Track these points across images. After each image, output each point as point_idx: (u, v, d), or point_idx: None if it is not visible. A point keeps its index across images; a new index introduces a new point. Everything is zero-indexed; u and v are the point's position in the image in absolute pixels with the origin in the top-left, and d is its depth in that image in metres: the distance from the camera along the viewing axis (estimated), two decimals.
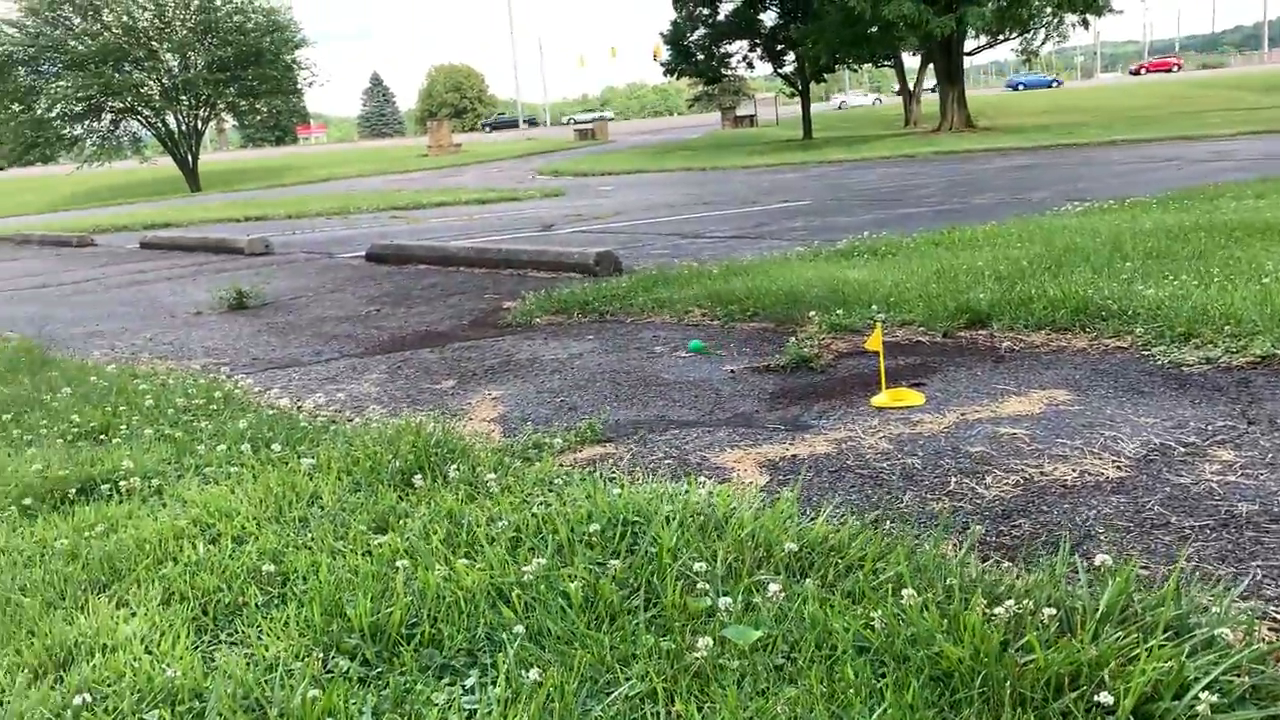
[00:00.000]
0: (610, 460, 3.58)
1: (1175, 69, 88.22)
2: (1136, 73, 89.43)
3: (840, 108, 78.06)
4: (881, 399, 4.05)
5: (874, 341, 4.07)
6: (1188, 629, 1.98)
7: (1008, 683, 1.83)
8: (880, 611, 2.09)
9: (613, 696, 1.95)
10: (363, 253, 11.42)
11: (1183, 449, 3.24)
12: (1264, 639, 2.02)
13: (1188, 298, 4.84)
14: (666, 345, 5.50)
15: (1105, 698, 1.77)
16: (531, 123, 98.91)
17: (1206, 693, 1.75)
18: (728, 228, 12.12)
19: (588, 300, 6.69)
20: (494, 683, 2.02)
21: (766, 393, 4.39)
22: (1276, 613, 2.18)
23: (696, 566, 2.38)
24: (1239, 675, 1.83)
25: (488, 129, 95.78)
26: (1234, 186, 10.60)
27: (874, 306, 5.56)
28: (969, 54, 41.54)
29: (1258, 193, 9.68)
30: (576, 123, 76.38)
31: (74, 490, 3.44)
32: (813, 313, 5.53)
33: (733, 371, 4.81)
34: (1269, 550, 2.48)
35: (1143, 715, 1.76)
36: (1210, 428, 3.41)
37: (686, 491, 2.90)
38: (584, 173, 30.20)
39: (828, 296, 5.85)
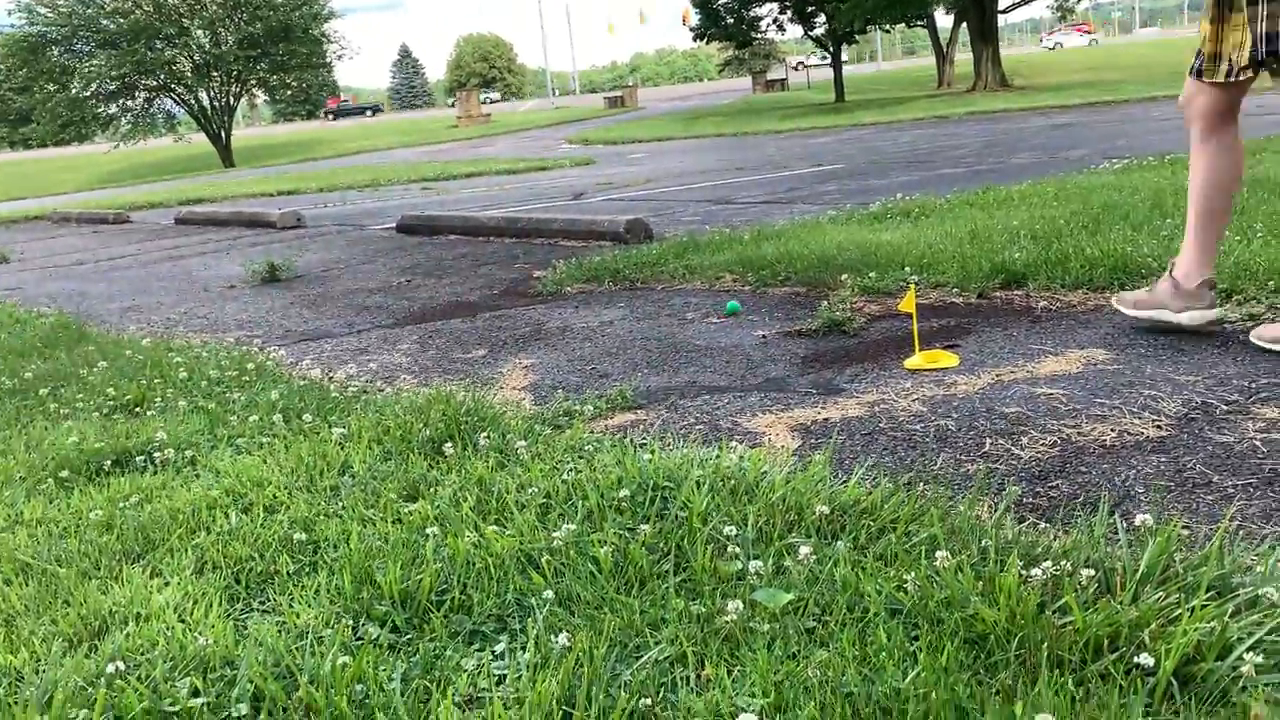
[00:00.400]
0: (641, 426, 3.56)
1: (1089, 38, 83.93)
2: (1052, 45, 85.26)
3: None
4: (915, 361, 4.00)
5: (907, 303, 4.01)
6: (1230, 589, 1.93)
7: (1044, 645, 1.80)
8: (913, 574, 2.06)
9: (642, 660, 1.93)
10: (394, 224, 11.43)
11: (1225, 407, 3.16)
12: None
13: (1229, 254, 4.73)
14: (698, 311, 5.46)
15: (1145, 659, 1.72)
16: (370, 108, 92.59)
17: (1251, 653, 1.70)
18: (759, 193, 12.01)
19: (618, 268, 6.65)
20: (523, 648, 2.01)
21: (798, 357, 4.34)
22: None
23: (727, 530, 2.36)
24: None
25: (330, 116, 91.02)
26: (1278, 140, 10.33)
27: (907, 268, 5.49)
28: (1003, 11, 40.77)
29: None
30: (455, 105, 65.59)
31: (109, 462, 3.47)
32: (845, 276, 5.46)
33: (764, 336, 4.76)
34: None
35: (1184, 677, 1.72)
36: (1254, 385, 3.33)
37: (717, 456, 2.87)
38: (614, 141, 30.06)
39: (860, 259, 5.77)
